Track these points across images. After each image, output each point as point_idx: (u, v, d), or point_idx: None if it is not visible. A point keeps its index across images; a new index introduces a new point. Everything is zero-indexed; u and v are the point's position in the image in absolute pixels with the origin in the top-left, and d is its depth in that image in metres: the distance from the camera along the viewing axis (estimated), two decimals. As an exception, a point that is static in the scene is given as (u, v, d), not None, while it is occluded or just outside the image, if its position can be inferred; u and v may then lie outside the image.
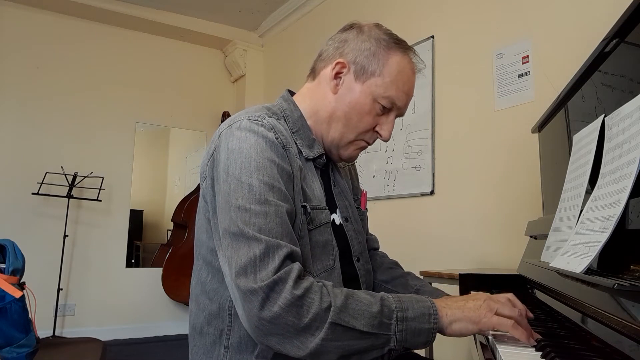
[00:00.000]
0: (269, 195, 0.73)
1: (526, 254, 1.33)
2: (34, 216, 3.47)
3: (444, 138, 2.37)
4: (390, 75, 0.88)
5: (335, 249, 0.88)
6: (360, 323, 0.68)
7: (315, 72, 0.96)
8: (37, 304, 1.88)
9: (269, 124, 0.81)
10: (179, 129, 4.26)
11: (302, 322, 0.66)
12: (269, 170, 0.75)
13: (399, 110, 0.92)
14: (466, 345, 2.09)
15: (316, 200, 0.86)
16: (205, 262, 0.85)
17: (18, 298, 1.66)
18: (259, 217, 0.71)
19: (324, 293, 0.69)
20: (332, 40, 0.95)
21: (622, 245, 0.66)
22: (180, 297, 3.79)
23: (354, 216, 1.00)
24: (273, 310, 0.65)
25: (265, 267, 0.67)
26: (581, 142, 0.93)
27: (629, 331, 0.53)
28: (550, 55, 1.89)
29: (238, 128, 0.80)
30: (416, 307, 0.72)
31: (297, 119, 0.91)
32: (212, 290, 0.83)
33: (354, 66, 0.89)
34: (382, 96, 0.88)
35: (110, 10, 3.70)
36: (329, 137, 0.91)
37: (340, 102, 0.89)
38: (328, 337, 0.67)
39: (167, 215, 4.14)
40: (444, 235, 2.30)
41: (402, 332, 0.70)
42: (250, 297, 0.66)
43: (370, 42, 0.90)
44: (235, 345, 0.79)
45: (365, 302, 0.70)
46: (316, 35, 3.55)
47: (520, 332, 0.68)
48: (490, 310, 0.71)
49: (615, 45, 0.84)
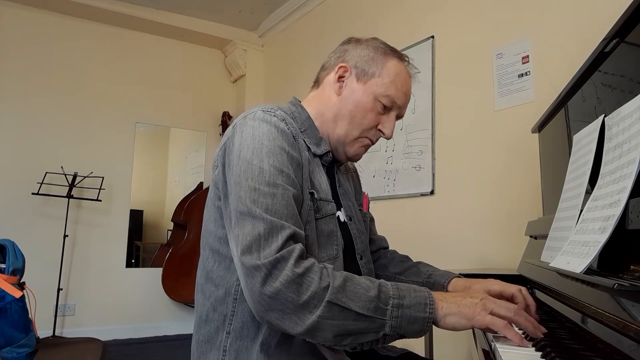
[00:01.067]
0: (277, 178, 0.78)
1: (526, 254, 1.33)
2: (34, 216, 3.46)
3: (444, 138, 2.37)
4: (389, 77, 0.95)
5: (339, 240, 0.91)
6: (356, 305, 0.71)
7: (318, 81, 1.04)
8: (37, 304, 1.88)
9: (281, 115, 0.87)
10: (179, 129, 4.26)
11: (300, 298, 0.69)
12: (279, 157, 0.80)
13: (398, 110, 0.98)
14: (466, 345, 2.09)
15: (323, 192, 0.91)
16: (212, 250, 0.88)
17: (18, 298, 1.66)
18: (267, 197, 0.75)
19: (323, 273, 0.72)
20: (333, 52, 1.03)
21: (622, 245, 0.66)
22: (180, 297, 3.79)
23: (357, 216, 1.05)
24: (274, 286, 0.69)
25: (268, 246, 0.71)
26: (581, 142, 0.93)
27: (629, 331, 0.53)
28: (550, 55, 1.89)
29: (252, 118, 0.85)
30: (413, 296, 0.74)
31: (305, 119, 0.97)
32: (218, 277, 0.86)
33: (355, 70, 0.97)
34: (382, 95, 0.95)
35: (110, 10, 3.69)
36: (335, 134, 0.97)
37: (345, 102, 0.96)
38: (325, 315, 0.69)
39: (167, 215, 4.14)
40: (444, 235, 2.30)
41: (398, 319, 0.72)
42: (253, 273, 0.70)
43: (369, 50, 0.98)
44: (237, 330, 0.82)
45: (363, 285, 0.73)
46: (316, 35, 3.55)
47: (512, 333, 0.70)
48: (485, 309, 0.73)
49: (615, 45, 0.84)
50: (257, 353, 0.80)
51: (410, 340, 2.34)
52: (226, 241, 0.85)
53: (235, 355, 0.81)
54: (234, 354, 0.82)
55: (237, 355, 0.81)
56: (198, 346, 0.87)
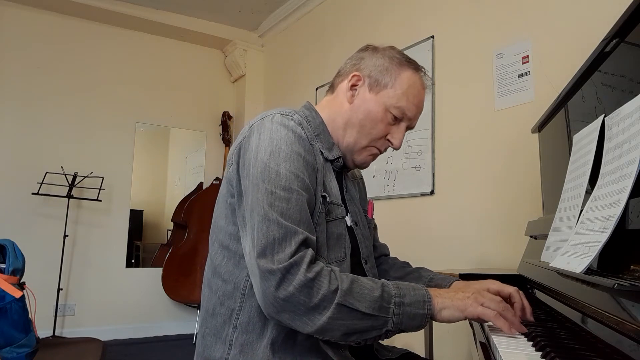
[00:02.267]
0: (293, 183, 0.81)
1: (526, 254, 1.33)
2: (34, 216, 3.46)
3: (444, 138, 2.37)
4: (401, 88, 0.96)
5: (347, 243, 0.94)
6: (363, 305, 0.75)
7: (333, 87, 1.05)
8: (37, 304, 1.88)
9: (297, 120, 0.89)
10: (179, 129, 4.26)
11: (312, 301, 0.73)
12: (295, 162, 0.83)
13: (409, 121, 1.00)
14: (466, 345, 2.09)
15: (333, 196, 0.93)
16: (222, 246, 0.90)
17: (18, 298, 1.66)
18: (282, 201, 0.78)
19: (332, 277, 0.76)
20: (350, 59, 1.04)
21: (622, 245, 0.66)
22: (180, 297, 3.79)
23: (362, 222, 1.07)
24: (288, 290, 0.73)
25: (282, 250, 0.75)
26: (581, 142, 0.93)
27: (629, 331, 0.53)
28: (550, 55, 1.89)
29: (270, 121, 0.87)
30: (412, 294, 0.79)
31: (319, 124, 0.99)
32: (227, 272, 0.88)
33: (369, 79, 0.98)
34: (393, 106, 0.96)
35: (110, 10, 3.69)
36: (344, 142, 0.99)
37: (355, 111, 0.98)
38: (334, 316, 0.74)
39: (167, 215, 4.13)
40: (444, 235, 2.30)
41: (399, 316, 0.77)
42: (268, 277, 0.73)
43: (385, 59, 0.98)
44: (243, 324, 0.84)
45: (368, 287, 0.78)
46: (316, 35, 3.54)
47: (502, 322, 0.75)
48: (476, 301, 0.78)
49: (615, 45, 0.84)
50: (262, 348, 0.82)
51: (410, 341, 2.34)
52: (237, 238, 0.87)
53: (240, 349, 0.83)
54: (239, 347, 0.83)
55: (243, 349, 0.83)
56: (203, 339, 0.89)
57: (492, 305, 0.77)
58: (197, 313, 3.82)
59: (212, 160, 4.29)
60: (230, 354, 0.84)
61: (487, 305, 0.77)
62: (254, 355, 0.82)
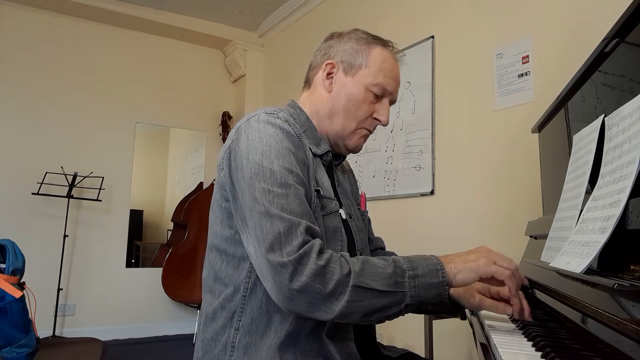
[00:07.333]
0: (288, 179, 0.81)
1: (526, 254, 1.33)
2: (34, 216, 3.46)
3: (444, 138, 2.37)
4: (375, 65, 0.97)
5: (343, 236, 0.94)
6: (378, 284, 0.76)
7: (309, 81, 1.05)
8: (37, 304, 1.88)
9: (283, 117, 0.89)
10: (179, 129, 4.26)
11: (327, 288, 0.73)
12: (287, 158, 0.83)
13: (390, 96, 1.00)
14: (466, 345, 2.09)
15: (326, 191, 0.94)
16: (219, 251, 0.90)
17: (18, 298, 1.66)
18: (281, 198, 0.78)
19: (343, 262, 0.76)
20: (318, 50, 1.05)
21: (622, 245, 0.66)
22: (180, 297, 3.79)
23: (356, 214, 1.07)
24: (301, 280, 0.72)
25: (290, 243, 0.74)
26: (581, 142, 0.93)
27: (629, 331, 0.53)
28: (550, 55, 1.89)
29: (256, 121, 0.87)
30: (424, 264, 0.80)
31: (304, 121, 0.99)
32: (227, 276, 0.88)
33: (342, 64, 0.98)
34: (372, 84, 0.96)
35: (110, 10, 3.69)
36: (332, 130, 0.99)
37: (337, 98, 0.98)
38: (352, 299, 0.74)
39: (167, 215, 4.13)
40: (444, 235, 2.30)
41: (416, 288, 0.77)
42: (280, 270, 0.73)
43: (352, 42, 0.99)
44: (246, 326, 0.84)
45: (379, 265, 0.78)
46: (316, 35, 3.53)
47: (513, 283, 0.78)
48: (489, 260, 0.80)
49: (615, 45, 0.84)
50: (266, 349, 0.82)
51: (410, 341, 2.34)
52: (234, 241, 0.87)
53: (244, 351, 0.83)
54: (243, 349, 0.83)
55: (246, 350, 0.83)
56: (203, 344, 0.88)
57: (504, 264, 0.79)
58: (197, 313, 3.82)
59: (212, 160, 4.29)
60: (233, 356, 0.83)
61: (499, 263, 0.79)
62: (257, 356, 0.82)
